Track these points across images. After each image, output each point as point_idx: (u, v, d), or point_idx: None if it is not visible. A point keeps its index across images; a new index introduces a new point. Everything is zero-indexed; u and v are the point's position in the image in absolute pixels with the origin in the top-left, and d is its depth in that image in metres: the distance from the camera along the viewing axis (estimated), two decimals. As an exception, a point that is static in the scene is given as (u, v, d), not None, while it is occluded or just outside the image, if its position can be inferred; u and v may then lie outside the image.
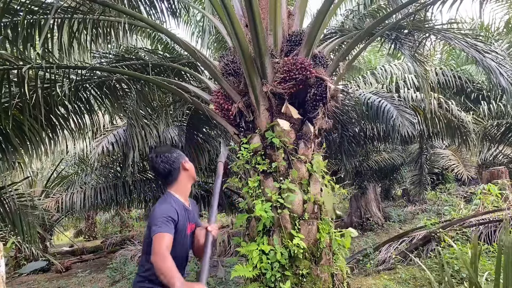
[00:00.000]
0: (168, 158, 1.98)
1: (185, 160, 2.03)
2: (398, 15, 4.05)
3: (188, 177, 2.03)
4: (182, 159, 2.02)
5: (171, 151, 2.03)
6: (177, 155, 2.01)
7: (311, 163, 3.23)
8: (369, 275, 5.05)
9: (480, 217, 5.43)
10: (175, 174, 1.98)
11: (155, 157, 2.00)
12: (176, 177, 1.98)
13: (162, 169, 1.97)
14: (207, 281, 1.83)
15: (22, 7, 3.26)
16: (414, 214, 10.54)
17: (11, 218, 4.51)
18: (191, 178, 2.05)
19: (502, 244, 2.34)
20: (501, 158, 10.79)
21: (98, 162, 7.79)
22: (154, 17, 4.50)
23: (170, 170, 1.97)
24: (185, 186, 2.02)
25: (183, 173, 2.00)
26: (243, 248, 3.04)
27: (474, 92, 7.25)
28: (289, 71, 3.07)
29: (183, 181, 2.00)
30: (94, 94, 4.51)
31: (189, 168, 2.03)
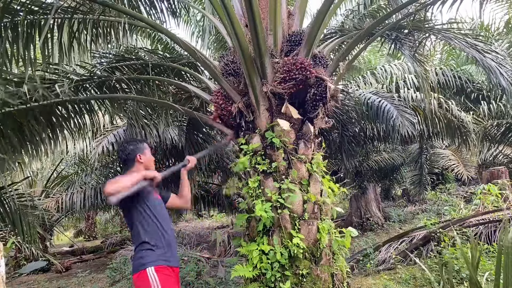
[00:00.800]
0: (125, 148, 2.31)
1: (142, 153, 2.31)
2: (398, 15, 4.05)
3: (142, 169, 2.29)
4: (139, 152, 2.30)
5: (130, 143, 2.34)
6: (133, 148, 2.30)
7: (311, 163, 3.23)
8: (369, 275, 5.05)
9: (480, 217, 5.43)
10: (129, 163, 2.30)
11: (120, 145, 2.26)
12: (131, 166, 2.29)
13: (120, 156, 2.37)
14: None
15: (22, 7, 3.26)
16: (414, 214, 10.54)
17: (11, 218, 4.51)
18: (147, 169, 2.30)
19: (502, 244, 2.34)
20: (501, 158, 10.79)
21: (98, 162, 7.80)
22: (154, 17, 4.50)
23: (125, 159, 2.31)
24: None
25: (137, 164, 2.30)
26: (243, 248, 3.04)
27: (474, 92, 7.25)
28: (289, 71, 3.07)
29: (137, 170, 2.25)
30: (94, 94, 4.51)
31: (144, 161, 2.31)
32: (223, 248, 8.08)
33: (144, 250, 2.08)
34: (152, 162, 2.40)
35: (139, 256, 2.08)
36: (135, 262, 2.10)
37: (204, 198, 9.61)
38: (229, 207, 9.73)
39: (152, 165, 2.38)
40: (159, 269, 2.04)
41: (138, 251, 2.11)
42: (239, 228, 3.33)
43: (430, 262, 4.81)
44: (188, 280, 5.44)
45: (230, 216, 11.31)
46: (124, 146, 2.34)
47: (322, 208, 3.26)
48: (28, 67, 3.57)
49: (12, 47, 3.54)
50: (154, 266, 2.03)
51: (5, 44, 3.37)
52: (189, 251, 7.29)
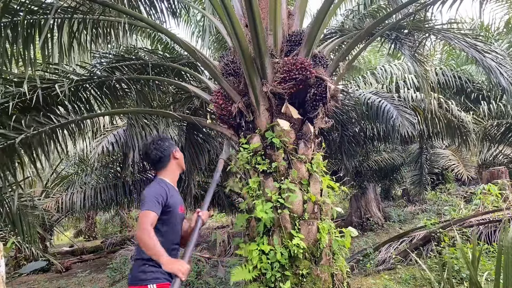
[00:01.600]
0: (160, 146, 2.16)
1: (176, 150, 2.20)
2: (398, 15, 4.05)
3: (177, 165, 2.21)
4: (173, 148, 2.19)
5: (163, 140, 2.20)
6: (168, 144, 2.18)
7: (311, 163, 3.23)
8: (369, 275, 5.05)
9: (480, 217, 5.43)
10: (165, 161, 2.15)
11: (150, 143, 2.19)
12: (166, 164, 2.15)
13: (154, 155, 2.15)
14: (189, 259, 2.00)
15: (22, 7, 3.26)
16: (414, 214, 10.54)
17: (11, 218, 4.50)
18: (179, 166, 2.23)
19: (502, 244, 2.34)
20: (501, 158, 10.79)
21: (98, 162, 7.79)
22: (154, 17, 4.50)
23: (160, 157, 2.14)
24: (174, 173, 2.20)
25: (173, 161, 2.18)
26: (242, 250, 3.04)
27: (474, 92, 7.24)
28: (289, 71, 3.07)
29: (172, 168, 2.18)
30: (94, 94, 4.51)
31: (179, 157, 2.21)
32: (223, 248, 8.08)
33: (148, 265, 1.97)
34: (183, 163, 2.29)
35: (143, 270, 1.98)
36: (137, 274, 2.00)
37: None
38: (229, 207, 9.72)
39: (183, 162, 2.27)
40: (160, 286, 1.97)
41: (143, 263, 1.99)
42: (239, 228, 3.32)
43: (430, 262, 4.80)
44: (188, 280, 5.44)
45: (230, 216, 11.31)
46: (158, 143, 2.17)
47: (322, 208, 3.26)
48: (28, 67, 3.57)
49: (12, 47, 3.55)
50: (157, 284, 1.96)
51: (5, 44, 3.37)
52: (189, 251, 7.28)
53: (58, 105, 4.17)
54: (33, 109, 3.95)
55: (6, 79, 3.85)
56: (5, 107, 3.48)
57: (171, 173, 2.18)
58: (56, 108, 4.22)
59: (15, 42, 3.50)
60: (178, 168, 2.23)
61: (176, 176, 2.22)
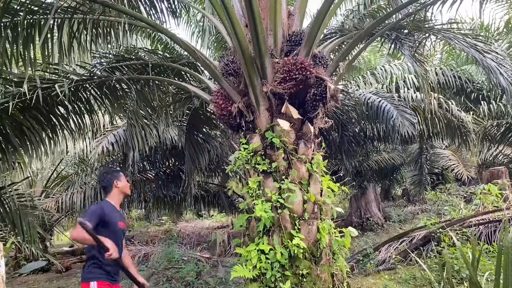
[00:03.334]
0: (104, 177, 2.79)
1: (117, 180, 2.76)
2: (398, 15, 4.05)
3: (119, 192, 2.78)
4: (116, 179, 2.76)
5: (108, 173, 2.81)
6: (111, 176, 2.77)
7: (311, 163, 3.23)
8: (369, 275, 5.05)
9: (480, 217, 5.43)
10: (108, 189, 2.77)
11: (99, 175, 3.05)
12: (110, 191, 2.76)
13: (101, 185, 2.90)
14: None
15: (22, 7, 3.26)
16: (414, 214, 10.54)
17: (11, 218, 4.50)
18: (121, 192, 2.80)
19: (502, 244, 2.34)
20: (501, 158, 10.78)
21: (98, 162, 7.79)
22: (154, 17, 4.50)
23: (105, 186, 2.79)
24: (117, 197, 2.78)
25: (115, 189, 2.76)
26: (241, 249, 3.04)
27: (474, 92, 7.25)
28: (289, 71, 3.07)
29: (115, 194, 2.77)
30: (94, 94, 4.51)
31: (120, 186, 2.77)
32: (223, 248, 8.08)
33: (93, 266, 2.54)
34: (127, 188, 2.84)
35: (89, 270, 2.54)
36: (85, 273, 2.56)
37: (204, 198, 9.61)
38: (229, 207, 9.73)
39: (127, 190, 2.84)
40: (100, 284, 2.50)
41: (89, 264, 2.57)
42: (239, 228, 3.33)
43: (430, 262, 4.81)
44: (188, 280, 5.44)
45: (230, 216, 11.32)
46: (103, 175, 2.82)
47: (322, 208, 3.26)
48: (28, 67, 3.57)
49: (12, 47, 3.55)
50: (97, 282, 2.50)
51: (5, 44, 3.37)
52: (189, 251, 7.29)
53: (58, 105, 4.17)
54: (33, 109, 3.96)
55: (6, 79, 3.85)
56: (5, 107, 3.48)
57: (114, 197, 2.76)
58: (56, 108, 4.22)
59: (15, 42, 3.50)
60: (120, 193, 2.79)
61: (119, 199, 2.80)
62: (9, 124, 3.89)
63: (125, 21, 3.55)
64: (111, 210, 2.64)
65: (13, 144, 3.95)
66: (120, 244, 2.66)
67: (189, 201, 8.22)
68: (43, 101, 3.52)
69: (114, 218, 2.62)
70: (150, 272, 5.88)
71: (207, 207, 10.43)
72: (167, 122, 5.36)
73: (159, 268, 6.01)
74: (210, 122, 6.39)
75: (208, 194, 9.61)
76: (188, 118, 6.14)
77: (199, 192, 9.12)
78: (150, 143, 5.06)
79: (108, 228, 2.55)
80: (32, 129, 4.09)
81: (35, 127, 4.12)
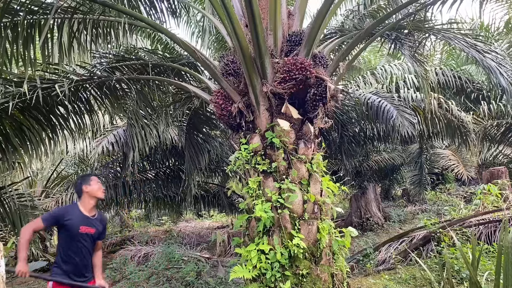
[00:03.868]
0: (76, 184, 2.93)
1: (86, 185, 2.86)
2: (398, 15, 4.05)
3: (89, 196, 2.87)
4: (85, 183, 2.86)
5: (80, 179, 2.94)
6: (81, 181, 2.88)
7: (311, 163, 3.23)
8: (369, 275, 5.05)
9: (480, 217, 5.43)
10: (79, 193, 2.89)
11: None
12: (80, 195, 2.89)
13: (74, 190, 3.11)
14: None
15: (22, 7, 3.26)
16: (414, 214, 10.54)
17: (11, 218, 4.51)
18: (92, 196, 2.88)
19: (502, 244, 2.34)
20: (501, 158, 10.79)
21: (98, 162, 7.79)
22: (154, 17, 4.50)
23: (77, 190, 2.92)
24: (87, 202, 2.87)
25: (84, 193, 2.87)
26: (241, 249, 3.04)
27: (474, 92, 7.25)
28: (289, 71, 3.07)
29: (85, 198, 2.87)
30: (94, 94, 4.51)
31: (89, 191, 2.86)
32: (223, 248, 8.08)
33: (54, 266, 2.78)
34: (98, 191, 2.91)
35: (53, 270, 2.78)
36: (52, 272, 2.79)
37: (204, 198, 9.61)
38: (229, 207, 9.73)
39: (98, 194, 2.90)
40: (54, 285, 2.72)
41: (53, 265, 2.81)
42: (239, 228, 3.33)
43: (430, 262, 4.80)
44: (188, 280, 5.44)
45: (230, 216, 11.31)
46: (76, 181, 3.01)
47: (322, 208, 3.26)
48: (28, 67, 3.57)
49: (12, 47, 3.55)
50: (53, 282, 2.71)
51: (5, 44, 3.37)
52: (189, 251, 7.29)
53: (58, 105, 4.17)
54: (33, 109, 3.96)
55: (6, 79, 3.85)
56: (5, 107, 3.48)
57: (83, 202, 2.87)
58: (56, 108, 4.22)
59: (15, 42, 3.50)
60: (90, 198, 2.88)
61: (89, 203, 2.87)
62: (9, 124, 3.90)
63: (125, 21, 3.55)
64: (74, 215, 2.77)
65: (13, 144, 3.96)
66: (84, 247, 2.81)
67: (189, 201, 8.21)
68: (43, 101, 3.53)
69: (75, 223, 2.75)
70: (150, 272, 5.88)
71: (207, 207, 10.43)
72: (167, 122, 5.36)
73: (159, 268, 6.01)
74: (210, 122, 6.39)
75: (208, 194, 9.61)
76: (188, 118, 6.14)
77: (199, 192, 9.12)
78: (150, 143, 5.05)
79: (65, 231, 2.74)
80: (32, 129, 4.09)
81: (35, 127, 4.12)
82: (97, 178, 2.98)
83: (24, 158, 4.31)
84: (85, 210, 2.86)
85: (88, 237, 2.84)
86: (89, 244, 2.86)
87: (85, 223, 2.82)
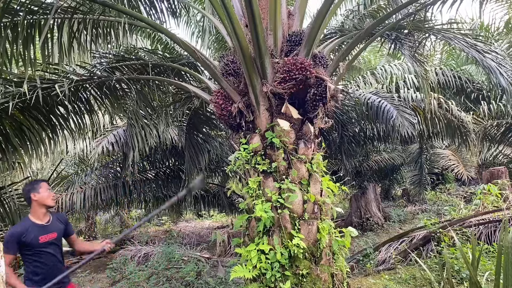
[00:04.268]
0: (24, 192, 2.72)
1: (36, 192, 2.66)
2: (398, 15, 4.05)
3: (38, 204, 2.68)
4: (34, 191, 2.66)
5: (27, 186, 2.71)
6: (29, 189, 2.67)
7: (311, 163, 3.23)
8: (369, 275, 5.05)
9: (480, 217, 5.43)
10: (28, 202, 2.71)
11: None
12: (29, 204, 2.70)
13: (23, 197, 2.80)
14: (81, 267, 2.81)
15: (22, 7, 3.26)
16: (414, 214, 10.54)
17: (11, 218, 4.51)
18: (41, 204, 2.68)
19: (502, 244, 2.34)
20: (501, 158, 10.79)
21: (98, 162, 7.79)
22: (154, 17, 4.50)
23: (25, 199, 2.73)
24: (37, 210, 2.68)
25: (33, 202, 2.67)
26: (241, 249, 3.04)
27: (474, 92, 7.25)
28: (289, 71, 3.07)
29: (34, 207, 2.68)
30: (94, 94, 4.51)
31: (38, 198, 2.66)
32: (223, 248, 8.08)
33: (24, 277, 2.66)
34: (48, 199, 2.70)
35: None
36: None
37: (204, 198, 9.61)
38: (229, 207, 9.73)
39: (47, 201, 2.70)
40: None
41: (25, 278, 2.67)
42: (239, 228, 3.33)
43: (430, 262, 4.80)
44: (188, 280, 5.44)
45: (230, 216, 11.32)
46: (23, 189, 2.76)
47: (322, 208, 3.26)
48: (28, 67, 3.57)
49: (12, 47, 3.54)
50: None
51: (5, 44, 3.37)
52: (189, 251, 7.29)
53: (58, 105, 4.17)
54: (33, 109, 3.96)
55: (6, 79, 3.85)
56: (5, 107, 3.48)
57: (34, 212, 2.68)
58: (56, 108, 4.22)
59: (15, 42, 3.50)
60: (39, 206, 2.68)
61: (40, 212, 2.68)
62: (9, 124, 3.90)
63: (125, 21, 3.55)
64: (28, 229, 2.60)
65: (13, 144, 3.96)
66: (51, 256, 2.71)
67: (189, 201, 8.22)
68: (43, 101, 3.53)
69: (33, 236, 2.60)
70: (150, 272, 5.88)
71: (207, 207, 10.43)
72: (167, 122, 5.36)
73: (159, 268, 6.01)
74: (210, 122, 6.39)
75: (208, 194, 9.62)
76: (188, 118, 6.14)
77: (199, 192, 9.13)
78: (150, 143, 5.06)
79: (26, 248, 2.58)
80: (32, 129, 4.09)
81: (35, 127, 4.12)
82: (47, 185, 2.76)
83: (24, 158, 4.30)
84: (37, 219, 2.69)
85: (52, 244, 2.72)
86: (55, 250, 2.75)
87: (43, 232, 2.67)
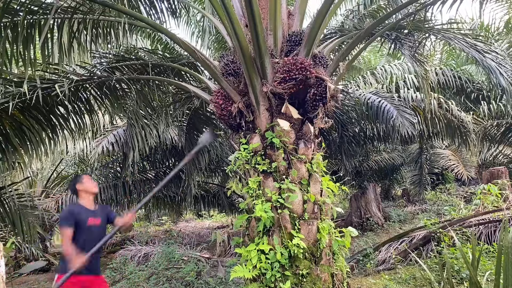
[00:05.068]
0: (70, 185, 3.18)
1: (79, 183, 3.08)
2: (398, 15, 4.05)
3: (85, 192, 3.08)
4: (78, 182, 3.08)
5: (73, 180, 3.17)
6: (74, 181, 3.11)
7: (311, 163, 3.23)
8: (369, 275, 5.05)
9: (480, 217, 5.42)
10: (75, 193, 3.12)
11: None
12: (77, 193, 3.11)
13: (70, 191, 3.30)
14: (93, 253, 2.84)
15: (22, 7, 3.26)
16: (414, 214, 10.54)
17: (11, 218, 4.51)
18: (88, 192, 3.09)
19: (502, 244, 2.34)
20: (501, 158, 10.78)
21: (98, 162, 7.79)
22: (154, 17, 4.50)
23: (72, 190, 3.15)
24: (85, 197, 3.08)
25: (80, 192, 3.08)
26: (241, 249, 3.04)
27: (474, 92, 7.25)
28: (289, 71, 3.07)
29: (82, 195, 3.08)
30: (94, 94, 4.51)
31: (83, 188, 3.07)
32: (223, 248, 8.07)
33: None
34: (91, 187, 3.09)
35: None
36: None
37: (204, 198, 9.61)
38: (229, 207, 9.74)
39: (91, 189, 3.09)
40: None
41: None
42: (239, 228, 3.33)
43: (430, 262, 4.80)
44: (188, 280, 5.44)
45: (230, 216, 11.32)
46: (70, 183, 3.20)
47: (322, 208, 3.26)
48: (28, 67, 3.57)
49: (12, 47, 3.55)
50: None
51: (5, 44, 3.37)
52: (189, 251, 7.29)
53: (58, 105, 4.18)
54: (33, 109, 3.96)
55: (6, 79, 3.85)
56: (5, 107, 3.48)
57: (83, 199, 3.07)
58: (56, 108, 4.23)
59: (15, 42, 3.50)
60: (86, 193, 3.08)
61: (88, 199, 3.07)
62: (9, 124, 3.90)
63: (125, 21, 3.55)
64: (79, 211, 2.97)
65: (13, 144, 3.96)
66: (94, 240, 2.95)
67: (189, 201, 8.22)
68: (43, 101, 3.53)
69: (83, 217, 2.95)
70: (150, 272, 5.88)
71: (207, 207, 10.44)
72: (167, 122, 5.37)
73: (159, 268, 6.00)
74: (210, 122, 6.39)
75: (208, 194, 9.62)
76: (188, 118, 6.14)
77: (199, 192, 9.13)
78: (150, 143, 5.06)
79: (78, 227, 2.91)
80: (32, 129, 4.09)
81: (35, 127, 4.12)
82: (89, 176, 3.18)
83: (24, 158, 4.30)
84: (87, 205, 3.05)
85: (96, 228, 3.01)
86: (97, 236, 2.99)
87: (92, 215, 3.02)
